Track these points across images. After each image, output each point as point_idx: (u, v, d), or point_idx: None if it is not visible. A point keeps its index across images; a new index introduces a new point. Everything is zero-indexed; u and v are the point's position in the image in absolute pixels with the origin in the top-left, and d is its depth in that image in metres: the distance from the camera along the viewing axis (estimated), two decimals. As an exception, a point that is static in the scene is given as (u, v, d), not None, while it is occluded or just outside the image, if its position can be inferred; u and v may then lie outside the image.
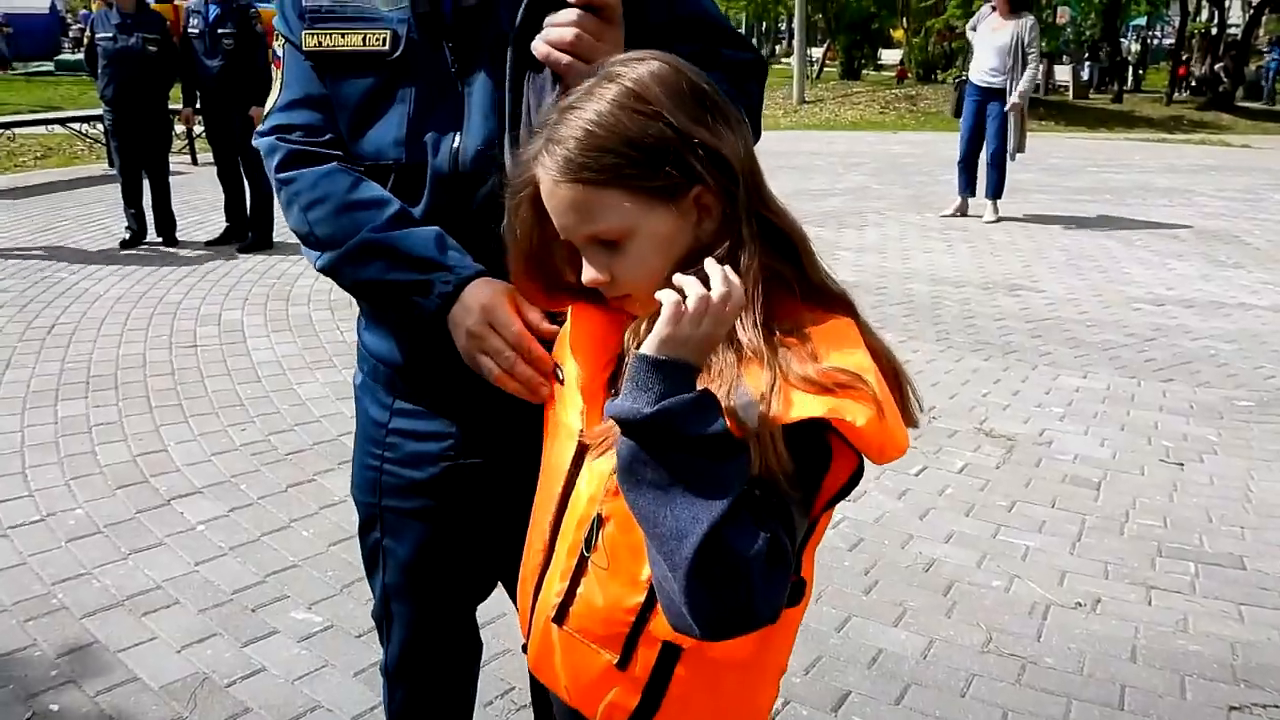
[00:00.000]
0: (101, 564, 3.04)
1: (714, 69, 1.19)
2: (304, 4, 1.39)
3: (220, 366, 4.84)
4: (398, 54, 1.34)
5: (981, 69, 8.51)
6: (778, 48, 43.53)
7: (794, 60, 24.12)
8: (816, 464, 0.99)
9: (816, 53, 30.22)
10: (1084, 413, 4.36)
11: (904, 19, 25.33)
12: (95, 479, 3.63)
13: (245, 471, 3.68)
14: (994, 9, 8.54)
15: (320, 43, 1.38)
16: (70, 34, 28.62)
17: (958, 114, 9.06)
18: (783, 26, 42.31)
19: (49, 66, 26.56)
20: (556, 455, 1.19)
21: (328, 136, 1.41)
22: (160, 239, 7.48)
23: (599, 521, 1.07)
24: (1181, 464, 3.84)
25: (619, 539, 1.05)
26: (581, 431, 1.13)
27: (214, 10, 7.26)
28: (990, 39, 8.43)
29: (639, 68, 1.04)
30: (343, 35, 1.36)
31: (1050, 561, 3.10)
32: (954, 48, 24.05)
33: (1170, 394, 4.60)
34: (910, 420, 1.05)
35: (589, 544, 1.08)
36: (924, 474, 3.68)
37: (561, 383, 1.20)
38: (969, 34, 8.98)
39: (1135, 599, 2.90)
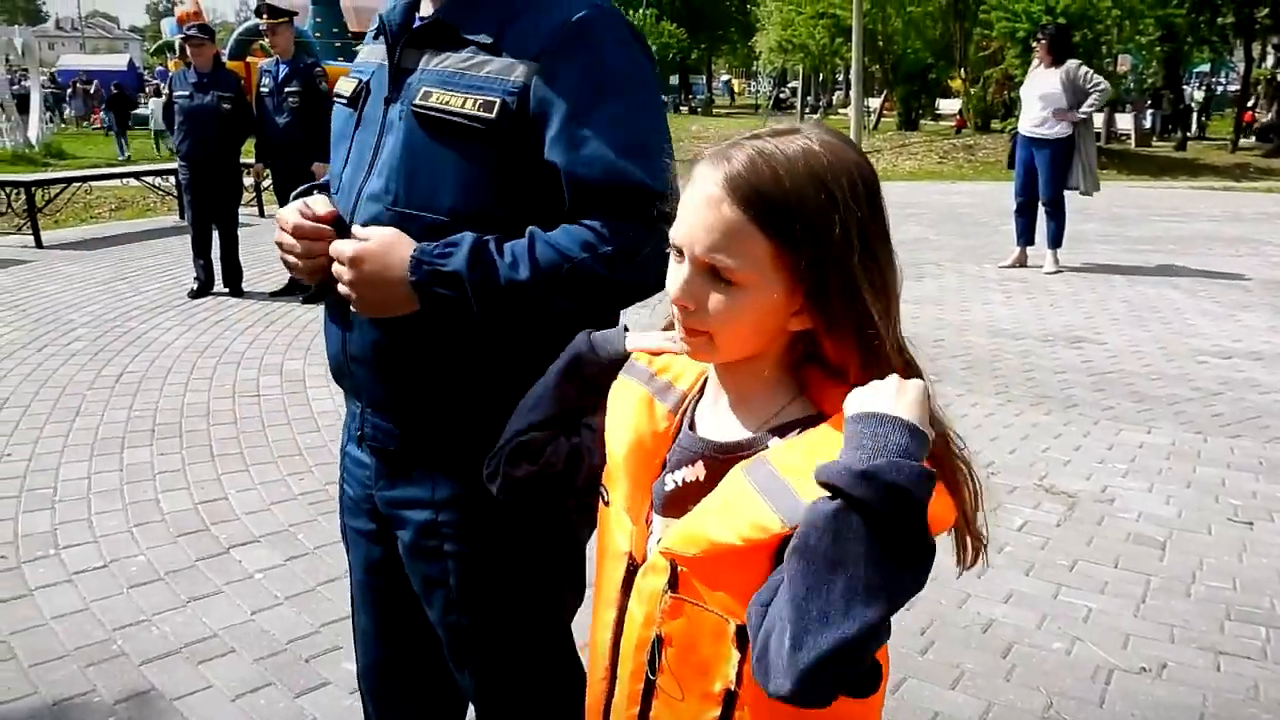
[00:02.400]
0: (161, 611, 3.09)
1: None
2: (355, 64, 1.67)
3: (281, 416, 4.92)
4: (355, 95, 1.58)
5: (1029, 120, 8.49)
6: (835, 98, 43.69)
7: (851, 111, 24.18)
8: None
9: (874, 103, 30.32)
10: (1148, 469, 4.26)
11: (962, 69, 25.30)
12: (157, 526, 3.70)
13: (303, 521, 3.73)
14: (1039, 61, 8.54)
15: (338, 88, 1.66)
16: (146, 90, 29.66)
17: (1011, 165, 9.07)
18: (839, 77, 42.52)
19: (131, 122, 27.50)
20: (607, 579, 1.16)
21: None
22: (227, 289, 7.66)
23: (659, 643, 1.04)
24: (1250, 523, 3.73)
25: (683, 659, 1.03)
26: (630, 553, 1.12)
27: (283, 69, 7.52)
28: (1036, 89, 8.42)
29: (852, 156, 1.01)
30: (346, 82, 1.64)
31: (1113, 623, 3.01)
32: (1013, 97, 23.93)
33: (1238, 450, 4.48)
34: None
35: (653, 667, 1.06)
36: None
37: (608, 504, 1.18)
38: (1022, 89, 8.96)
39: (1203, 664, 2.80)
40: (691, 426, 1.13)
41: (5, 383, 5.39)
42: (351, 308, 1.45)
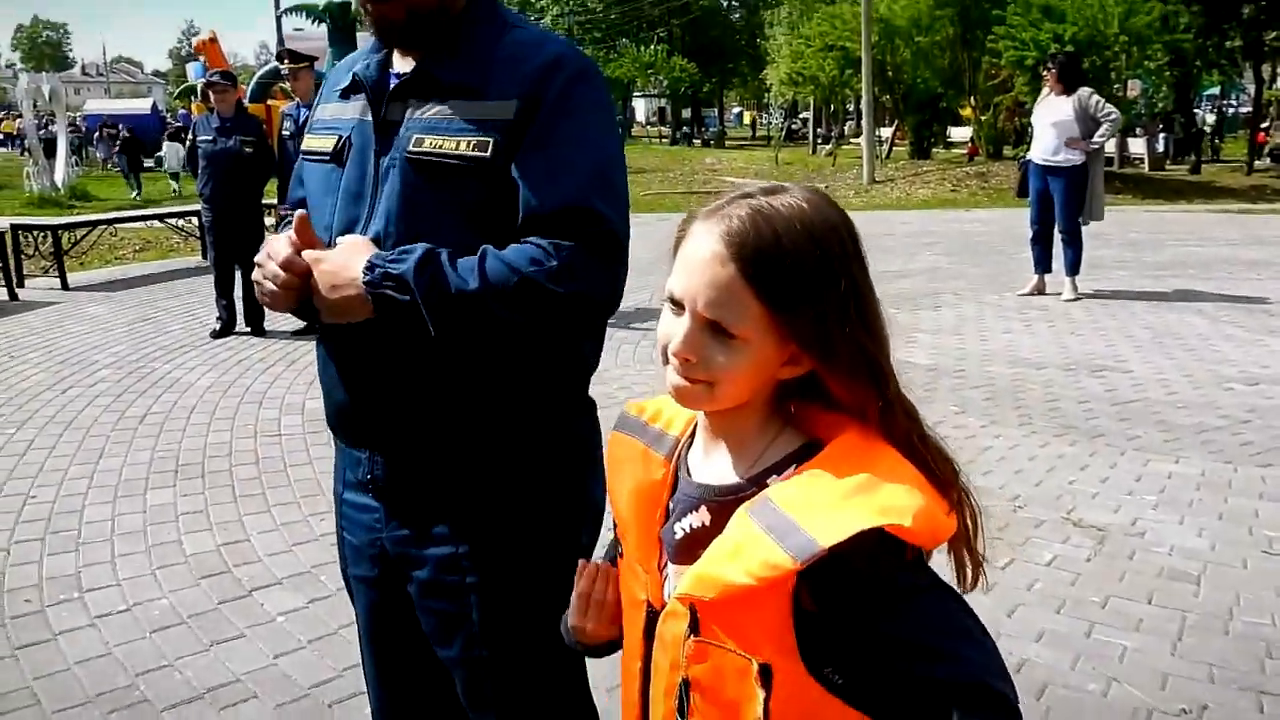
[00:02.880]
0: (184, 655, 3.07)
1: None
2: (313, 119, 1.76)
3: (303, 455, 4.92)
4: (337, 151, 1.63)
5: (1042, 148, 8.48)
6: (846, 128, 43.85)
7: (863, 141, 24.27)
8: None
9: (885, 133, 30.39)
10: (1178, 501, 4.20)
11: (972, 97, 25.35)
12: (180, 568, 3.70)
13: (324, 562, 3.71)
14: (1049, 90, 8.54)
15: (308, 145, 1.71)
16: (173, 133, 30.05)
17: (1021, 194, 9.08)
18: (850, 108, 42.68)
19: (149, 163, 27.89)
20: (631, 629, 1.21)
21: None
22: (249, 329, 7.70)
23: (686, 687, 1.06)
24: (1285, 555, 3.67)
25: (711, 701, 1.04)
26: (648, 601, 1.15)
27: (304, 113, 7.59)
28: (1047, 117, 8.41)
29: (796, 194, 1.06)
30: (317, 139, 1.69)
31: (1150, 663, 2.96)
32: (1023, 124, 23.96)
33: (1270, 479, 4.42)
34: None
35: (682, 711, 1.07)
36: (1011, 567, 3.57)
37: (622, 557, 1.24)
38: (1033, 117, 8.98)
39: (1246, 705, 2.74)
40: (688, 472, 1.16)
41: (31, 424, 5.42)
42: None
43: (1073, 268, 8.57)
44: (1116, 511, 4.09)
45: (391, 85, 1.60)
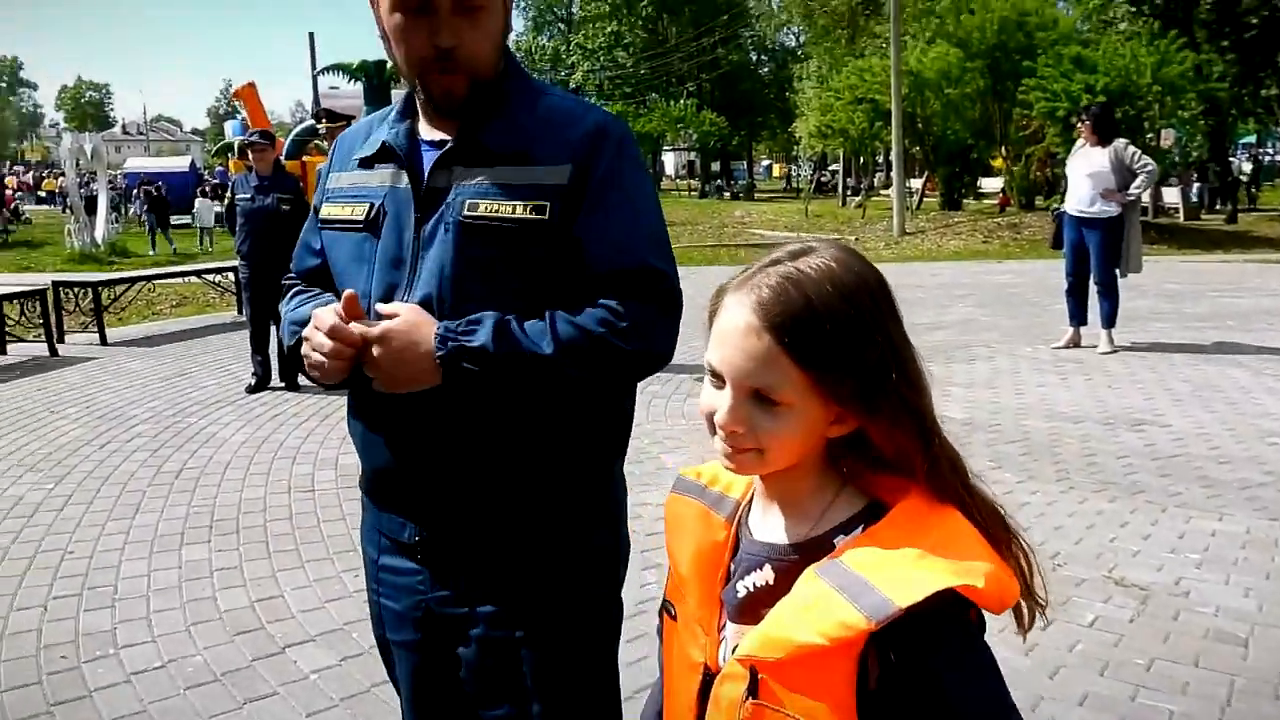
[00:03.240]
0: (217, 714, 3.07)
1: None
2: (328, 187, 1.76)
3: (336, 511, 4.94)
4: (371, 219, 1.64)
5: (1077, 200, 8.43)
6: (876, 180, 43.97)
7: (893, 192, 24.31)
8: None
9: (915, 184, 30.41)
10: (1223, 559, 4.12)
11: (1003, 147, 25.38)
12: (214, 625, 3.70)
13: (357, 619, 3.70)
14: (1084, 141, 8.51)
15: (330, 214, 1.72)
16: (205, 190, 30.68)
17: (1055, 246, 9.01)
18: (880, 159, 42.84)
19: (187, 220, 28.43)
20: (681, 692, 1.20)
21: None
22: (283, 384, 7.77)
23: None
24: (1335, 616, 3.58)
25: None
26: (704, 664, 1.15)
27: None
28: (1083, 168, 8.37)
29: (825, 253, 1.08)
30: (341, 207, 1.70)
31: (1198, 726, 2.89)
32: (1056, 175, 23.93)
33: (1316, 537, 4.33)
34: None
35: None
36: (1052, 628, 3.50)
37: (674, 619, 1.24)
38: (1067, 168, 8.94)
39: (1296, 771, 2.67)
40: (749, 533, 1.17)
41: (69, 480, 5.48)
42: (374, 386, 1.52)
43: (1109, 320, 8.49)
44: (1159, 570, 4.01)
45: (425, 152, 1.62)
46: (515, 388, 1.49)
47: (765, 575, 1.10)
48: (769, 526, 1.15)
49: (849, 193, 38.93)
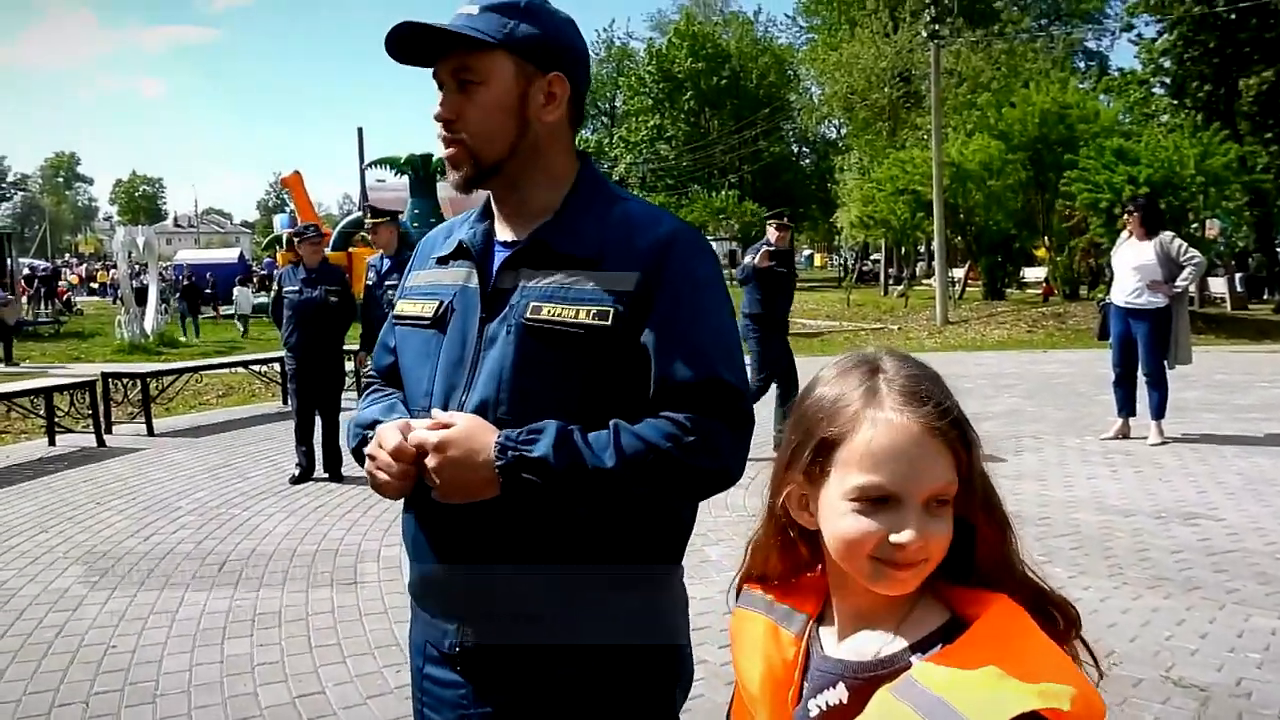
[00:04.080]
0: (256, 815, 3.03)
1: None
2: (406, 284, 1.79)
3: (378, 604, 4.92)
4: (439, 316, 1.65)
5: (1123, 291, 8.40)
6: (918, 269, 44.03)
7: (935, 281, 24.32)
8: None
9: (958, 273, 30.42)
10: (1285, 660, 3.98)
11: (1046, 238, 25.36)
12: (255, 722, 3.68)
13: (399, 716, 3.66)
14: (1130, 233, 8.50)
15: (403, 310, 1.74)
16: (253, 281, 31.46)
17: (1102, 337, 8.98)
18: (921, 249, 42.97)
19: (230, 309, 29.13)
20: None
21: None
22: (327, 474, 7.83)
23: None
24: None
25: None
26: None
27: (386, 263, 7.91)
28: (1129, 260, 8.36)
29: (910, 360, 1.14)
30: (414, 304, 1.72)
31: (1266, 841, 2.76)
32: (1100, 264, 23.83)
33: (1384, 638, 4.17)
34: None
35: None
36: (1109, 731, 3.39)
37: None
38: (1113, 259, 8.96)
39: None
40: (821, 648, 1.14)
41: (114, 572, 5.51)
42: (434, 497, 1.50)
43: (1158, 411, 8.37)
44: (1219, 670, 3.88)
45: (497, 253, 1.64)
46: (575, 502, 1.46)
47: (839, 694, 1.08)
48: (844, 641, 1.12)
49: (891, 281, 38.99)
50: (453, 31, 1.56)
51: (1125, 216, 8.75)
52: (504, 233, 1.67)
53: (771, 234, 8.83)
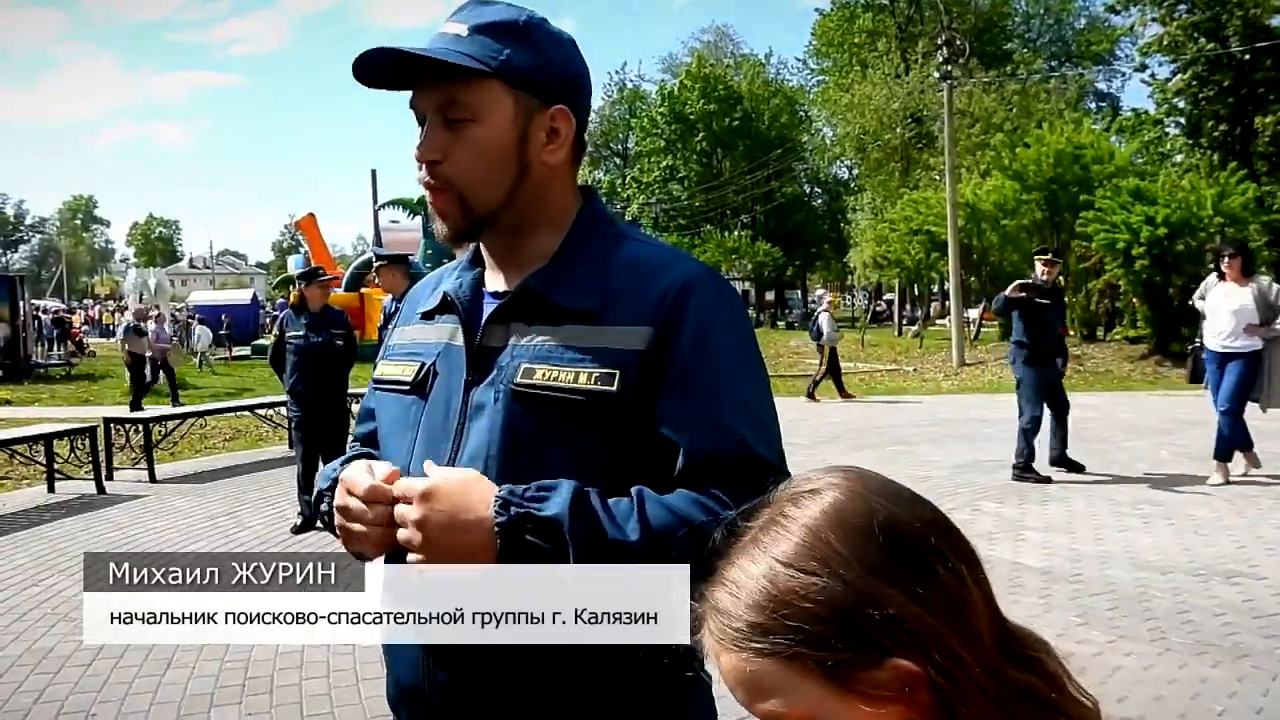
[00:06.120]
0: None
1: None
2: (389, 343, 1.55)
3: (376, 668, 4.64)
4: (418, 380, 1.43)
5: (1218, 334, 8.44)
6: (932, 309, 43.85)
7: (949, 322, 24.10)
8: None
9: (973, 314, 30.21)
10: (1351, 739, 3.69)
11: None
12: (238, 804, 3.42)
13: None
14: (1222, 277, 8.54)
15: (383, 373, 1.51)
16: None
17: (1194, 380, 9.25)
18: (935, 289, 42.80)
19: (246, 351, 29.11)
20: None
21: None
22: (329, 524, 7.58)
23: None
24: None
25: None
26: None
27: (393, 306, 7.75)
28: (1224, 304, 8.39)
29: (812, 505, 0.84)
30: (394, 366, 1.49)
31: None
32: (1118, 307, 23.59)
33: None
34: None
35: None
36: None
37: None
38: (1197, 303, 9.03)
39: None
40: None
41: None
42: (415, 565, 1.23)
43: (1224, 452, 8.37)
44: (1280, 752, 3.59)
45: (486, 305, 1.40)
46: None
47: None
48: None
49: (905, 322, 38.78)
50: (437, 60, 1.31)
51: (1222, 261, 8.73)
52: (494, 282, 1.44)
53: (1039, 268, 9.45)
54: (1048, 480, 8.69)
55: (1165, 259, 19.11)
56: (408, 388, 1.44)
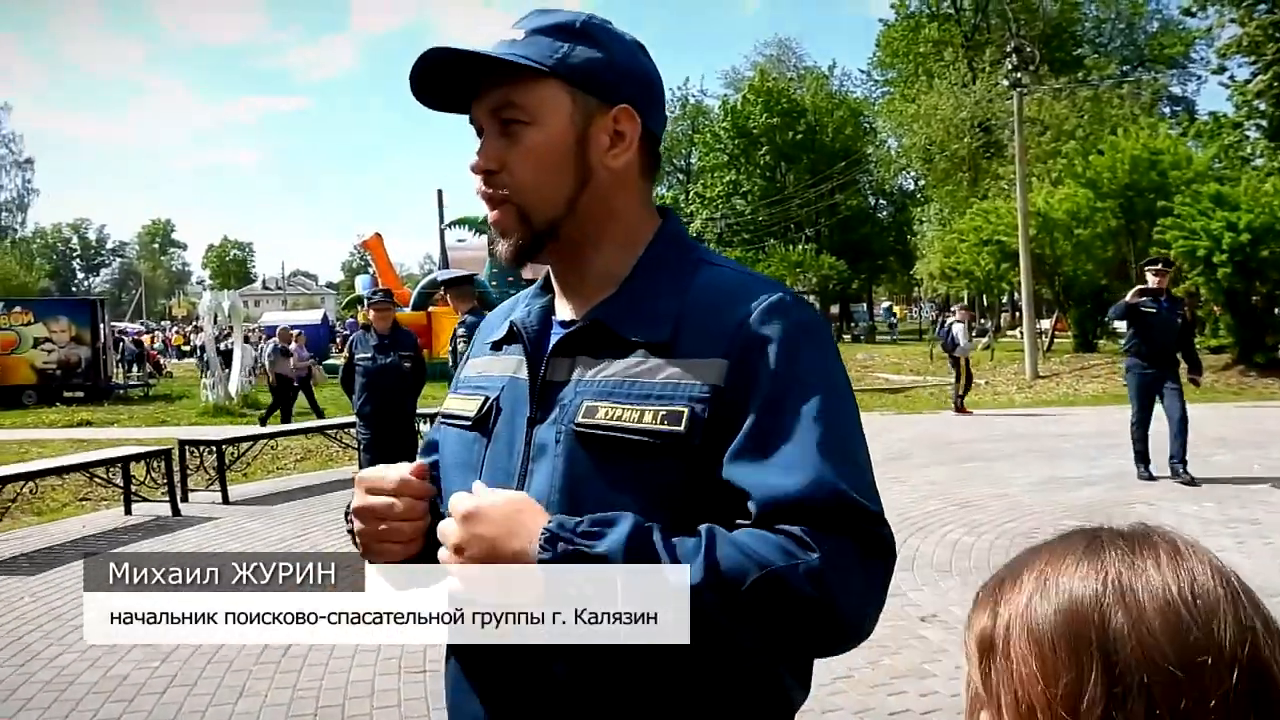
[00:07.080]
0: None
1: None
2: (458, 376, 1.48)
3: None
4: (481, 416, 1.35)
5: None
6: (1003, 320, 43.05)
7: (1024, 334, 23.59)
8: None
9: (1045, 324, 29.56)
10: None
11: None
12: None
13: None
14: None
15: (449, 408, 1.43)
16: (336, 341, 31.98)
17: None
18: (1005, 300, 42.03)
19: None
20: None
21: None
22: (398, 546, 7.57)
23: None
24: None
25: None
26: None
27: (468, 320, 7.73)
28: None
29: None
30: (461, 400, 1.41)
31: None
32: (1198, 315, 22.89)
33: None
34: None
35: None
36: None
37: None
38: None
39: None
40: None
41: (174, 658, 5.26)
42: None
43: None
44: None
45: (554, 336, 1.31)
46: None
47: None
48: None
49: (974, 334, 38.14)
50: (492, 57, 1.24)
51: None
52: (564, 310, 1.35)
53: (1150, 278, 9.53)
54: (1150, 478, 8.92)
55: (1248, 266, 18.51)
56: (470, 423, 1.36)
